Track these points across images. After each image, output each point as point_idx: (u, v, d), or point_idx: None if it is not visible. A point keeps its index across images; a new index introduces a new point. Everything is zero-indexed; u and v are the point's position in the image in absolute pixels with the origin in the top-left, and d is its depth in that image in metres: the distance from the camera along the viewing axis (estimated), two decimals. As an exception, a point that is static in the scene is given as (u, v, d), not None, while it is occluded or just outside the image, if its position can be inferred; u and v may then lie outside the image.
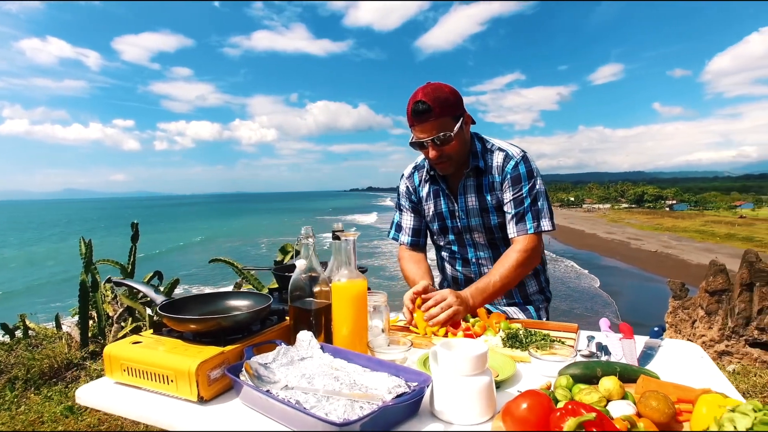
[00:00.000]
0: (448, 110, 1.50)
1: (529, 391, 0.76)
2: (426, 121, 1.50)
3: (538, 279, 1.80)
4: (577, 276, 28.90)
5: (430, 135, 1.51)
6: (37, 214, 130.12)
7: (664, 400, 0.77)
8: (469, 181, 1.66)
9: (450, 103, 1.51)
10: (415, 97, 1.50)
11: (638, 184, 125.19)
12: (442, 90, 1.51)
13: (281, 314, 1.23)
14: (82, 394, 1.02)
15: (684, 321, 6.76)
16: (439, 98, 1.48)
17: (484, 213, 1.66)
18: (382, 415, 0.77)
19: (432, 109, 1.47)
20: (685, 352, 1.23)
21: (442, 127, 1.50)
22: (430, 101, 1.47)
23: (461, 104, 1.56)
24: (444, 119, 1.50)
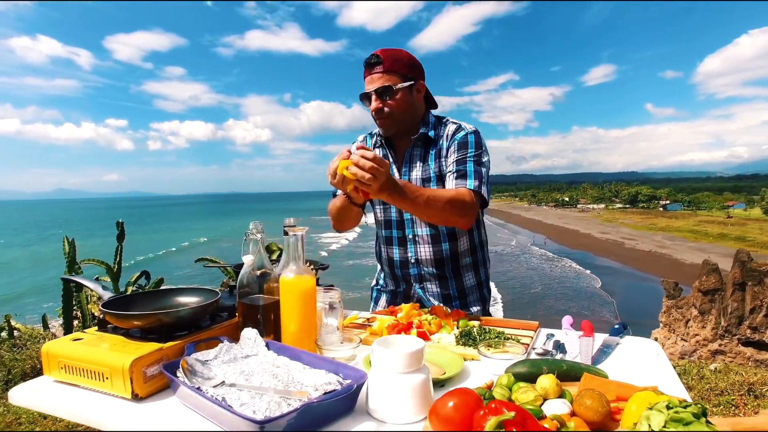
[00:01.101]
0: (398, 67, 1.55)
1: (458, 390, 0.74)
2: (373, 72, 1.55)
3: (477, 272, 1.73)
4: (576, 275, 29.00)
5: (374, 86, 1.55)
6: (31, 215, 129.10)
7: (599, 399, 0.76)
8: (416, 150, 1.65)
9: (402, 62, 1.56)
10: None
11: (632, 185, 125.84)
12: (400, 51, 1.58)
13: (232, 311, 1.21)
14: (15, 395, 0.99)
15: (678, 320, 6.77)
16: (391, 55, 1.55)
17: (426, 182, 1.62)
18: (307, 412, 0.75)
19: (382, 62, 1.53)
20: (642, 349, 1.22)
21: (388, 81, 1.54)
22: (382, 55, 1.54)
23: (417, 71, 1.60)
24: (392, 74, 1.54)
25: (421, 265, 1.68)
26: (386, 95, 1.55)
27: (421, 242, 1.67)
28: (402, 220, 1.70)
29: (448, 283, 1.68)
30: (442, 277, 1.67)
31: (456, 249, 1.66)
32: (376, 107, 1.57)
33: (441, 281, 1.68)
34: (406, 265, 1.70)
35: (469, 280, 1.71)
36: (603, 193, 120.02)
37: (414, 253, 1.68)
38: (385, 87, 1.53)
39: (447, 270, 1.67)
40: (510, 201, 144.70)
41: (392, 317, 1.38)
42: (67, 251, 4.80)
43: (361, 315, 1.51)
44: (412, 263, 1.69)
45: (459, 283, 1.69)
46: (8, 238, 60.94)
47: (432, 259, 1.66)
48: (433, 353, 1.11)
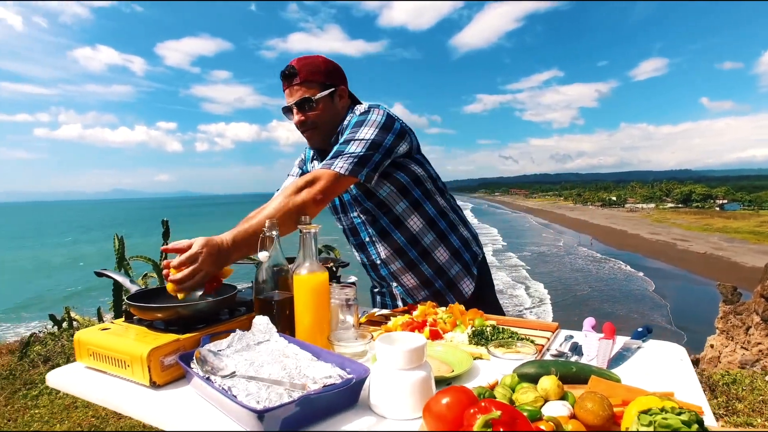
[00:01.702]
0: (315, 76, 1.52)
1: (453, 387, 0.74)
2: (291, 85, 1.52)
3: (447, 243, 1.64)
4: (626, 277, 27.92)
5: (294, 99, 1.53)
6: (94, 214, 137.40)
7: (600, 402, 0.74)
8: None
9: (319, 71, 1.53)
10: None
11: (685, 183, 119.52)
12: (315, 59, 1.55)
13: (251, 306, 1.25)
14: (52, 378, 1.07)
15: (737, 327, 6.38)
16: (307, 65, 1.52)
17: None
18: (306, 404, 0.77)
19: (297, 73, 1.51)
20: (664, 354, 1.17)
21: (306, 92, 1.52)
22: (297, 65, 1.51)
23: (335, 76, 1.56)
24: (309, 85, 1.52)
25: (388, 263, 1.65)
26: (306, 107, 1.53)
27: (376, 241, 1.64)
28: (353, 227, 1.68)
29: (421, 268, 1.63)
30: (412, 265, 1.62)
31: (409, 232, 1.60)
32: (299, 120, 1.55)
33: (413, 270, 1.63)
34: (375, 267, 1.69)
35: (441, 255, 1.63)
36: (653, 192, 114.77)
37: (376, 255, 1.66)
38: (304, 99, 1.51)
39: (412, 256, 1.62)
40: (554, 200, 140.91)
41: (408, 315, 1.39)
42: (116, 248, 5.09)
43: (379, 312, 1.53)
44: (379, 264, 1.67)
45: (431, 263, 1.63)
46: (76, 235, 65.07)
47: (392, 253, 1.62)
48: (444, 351, 1.11)
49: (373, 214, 1.60)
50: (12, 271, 35.27)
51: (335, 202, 1.68)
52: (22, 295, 23.70)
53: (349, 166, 1.38)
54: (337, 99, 1.58)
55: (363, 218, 1.64)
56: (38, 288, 26.32)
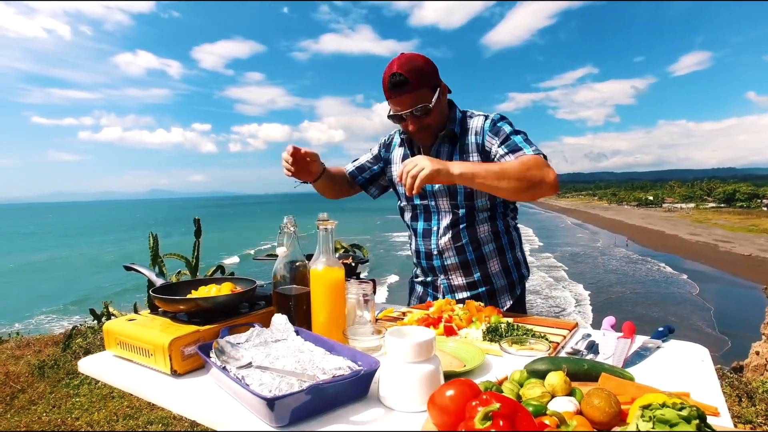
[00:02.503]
0: (424, 81, 1.48)
1: (457, 380, 0.75)
2: (403, 94, 1.47)
3: (503, 258, 1.69)
4: (665, 279, 26.99)
5: (408, 108, 1.49)
6: (133, 213, 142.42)
7: (607, 399, 0.73)
8: (442, 146, 1.63)
9: (426, 74, 1.49)
10: (390, 69, 1.48)
11: (728, 182, 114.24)
12: (417, 60, 1.49)
13: (270, 300, 1.29)
14: (83, 365, 1.14)
15: (786, 333, 6.08)
16: (414, 69, 1.46)
17: None
18: (315, 393, 0.79)
19: (408, 81, 1.45)
20: (686, 355, 1.14)
21: (420, 99, 1.48)
22: (406, 72, 1.45)
23: (437, 74, 1.54)
24: (421, 90, 1.48)
25: (444, 256, 1.68)
26: (423, 114, 1.51)
27: (442, 232, 1.67)
28: (428, 212, 1.70)
29: (472, 270, 1.66)
30: (465, 264, 1.66)
31: (476, 235, 1.64)
32: (415, 128, 1.54)
33: (464, 269, 1.67)
34: (431, 256, 1.71)
35: (494, 267, 1.68)
36: (693, 191, 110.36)
37: (436, 245, 1.68)
38: (422, 108, 1.49)
39: (469, 257, 1.65)
40: (588, 200, 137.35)
41: (424, 311, 1.40)
42: (151, 245, 5.27)
43: (397, 308, 1.54)
44: (435, 254, 1.69)
45: (483, 269, 1.66)
46: (120, 234, 67.64)
47: (453, 248, 1.65)
48: (457, 347, 1.11)
49: (457, 211, 1.65)
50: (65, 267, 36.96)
51: (427, 187, 1.68)
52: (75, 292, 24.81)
53: None
54: (443, 97, 1.58)
55: (442, 209, 1.67)
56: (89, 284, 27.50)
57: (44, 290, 26.43)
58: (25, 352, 5.45)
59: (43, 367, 4.73)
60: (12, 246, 56.37)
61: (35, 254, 45.46)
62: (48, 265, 38.32)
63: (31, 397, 4.10)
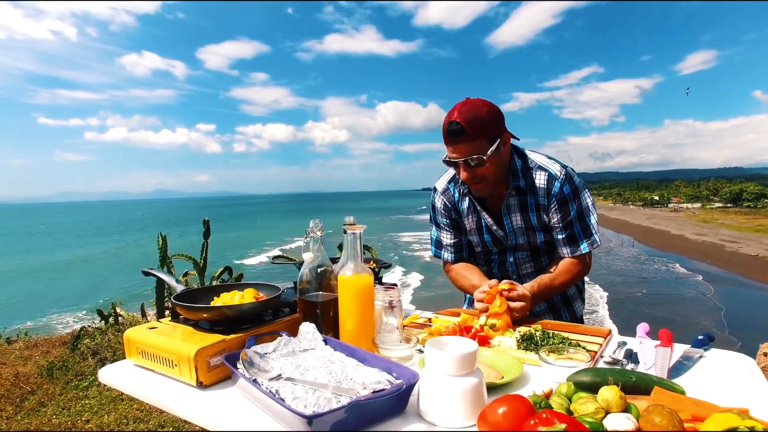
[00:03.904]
0: (482, 132, 1.42)
1: (509, 396, 0.71)
2: (459, 143, 1.43)
3: None
4: (676, 279, 26.81)
5: (462, 156, 1.45)
6: (140, 213, 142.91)
7: (670, 417, 0.69)
8: (512, 200, 1.60)
9: (485, 124, 1.43)
10: (451, 115, 1.43)
11: (735, 182, 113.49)
12: (480, 109, 1.43)
13: (294, 307, 1.24)
14: (103, 374, 1.10)
15: (794, 334, 5.99)
16: (474, 119, 1.41)
17: (530, 232, 1.63)
18: (355, 410, 0.75)
19: (465, 131, 1.40)
20: (731, 365, 1.09)
21: (475, 150, 1.43)
22: (463, 122, 1.40)
23: (500, 124, 1.47)
24: (478, 141, 1.43)
25: (520, 266, 1.70)
26: (476, 165, 1.46)
27: (521, 261, 1.70)
28: (504, 249, 1.71)
29: None
30: (541, 271, 1.66)
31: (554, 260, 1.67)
32: (467, 177, 1.50)
33: None
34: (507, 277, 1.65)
35: (572, 289, 1.72)
36: (699, 191, 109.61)
37: (514, 271, 1.70)
38: (476, 159, 1.44)
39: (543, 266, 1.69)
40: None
41: (452, 319, 1.35)
42: (160, 246, 5.25)
43: (422, 315, 1.50)
44: (514, 278, 1.67)
45: (563, 292, 1.70)
46: (132, 234, 67.69)
47: (533, 272, 1.68)
48: (492, 356, 1.07)
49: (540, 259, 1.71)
50: (85, 267, 36.93)
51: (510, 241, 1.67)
52: (87, 293, 24.76)
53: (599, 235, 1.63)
54: (502, 146, 1.50)
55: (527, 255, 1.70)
56: (98, 285, 27.48)
57: (61, 290, 26.42)
58: (34, 352, 5.44)
59: (52, 368, 4.71)
60: (27, 245, 56.48)
61: (53, 254, 45.48)
62: (68, 265, 38.36)
63: (41, 399, 4.08)
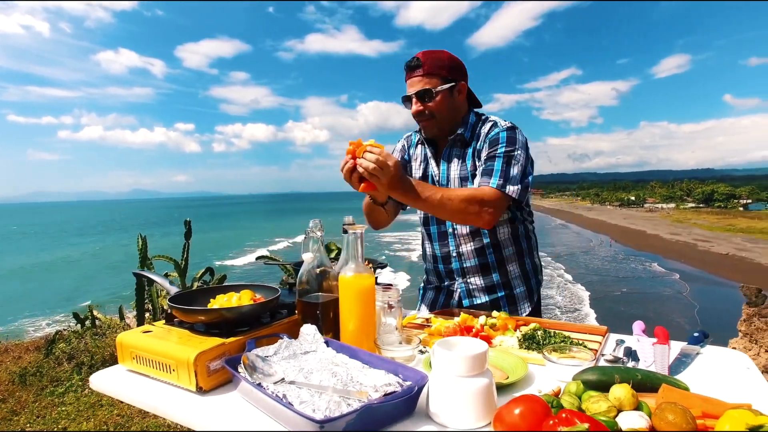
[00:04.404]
0: (438, 69, 1.54)
1: (524, 396, 0.70)
2: (414, 75, 1.55)
3: (521, 263, 1.69)
4: (653, 278, 27.41)
5: (414, 89, 1.55)
6: (117, 214, 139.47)
7: (683, 414, 0.69)
8: (455, 150, 1.65)
9: (443, 64, 1.55)
10: None
11: (707, 183, 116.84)
12: (440, 53, 1.57)
13: (292, 308, 1.22)
14: (95, 380, 1.06)
15: (761, 330, 6.19)
16: (432, 57, 1.55)
17: (464, 181, 1.62)
18: (366, 414, 0.73)
19: (421, 65, 1.53)
20: (728, 361, 1.11)
21: (427, 84, 1.54)
22: (422, 58, 1.54)
23: (458, 72, 1.59)
24: (432, 77, 1.54)
25: (463, 258, 1.67)
26: (426, 98, 1.56)
27: (460, 235, 1.66)
28: None
29: (492, 274, 1.66)
30: (485, 267, 1.65)
31: (496, 238, 1.64)
32: (417, 110, 1.59)
33: (484, 273, 1.66)
34: (449, 259, 1.70)
35: (514, 271, 1.67)
36: (673, 191, 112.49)
37: (455, 246, 1.67)
38: (425, 90, 1.54)
39: (489, 260, 1.65)
40: (572, 200, 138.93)
41: (451, 320, 1.35)
42: (139, 247, 5.13)
43: (419, 315, 1.49)
44: (454, 257, 1.68)
45: (503, 272, 1.66)
46: (114, 235, 65.92)
47: (473, 250, 1.65)
48: (495, 356, 1.06)
49: None
50: (59, 269, 35.76)
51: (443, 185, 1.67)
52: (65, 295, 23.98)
53: (518, 189, 1.49)
54: (456, 94, 1.60)
55: None
56: (76, 287, 26.66)
57: (37, 293, 25.50)
58: (4, 358, 5.25)
59: (25, 374, 4.55)
60: (6, 247, 54.45)
61: (31, 256, 43.90)
62: (46, 266, 37.07)
63: (13, 407, 3.94)
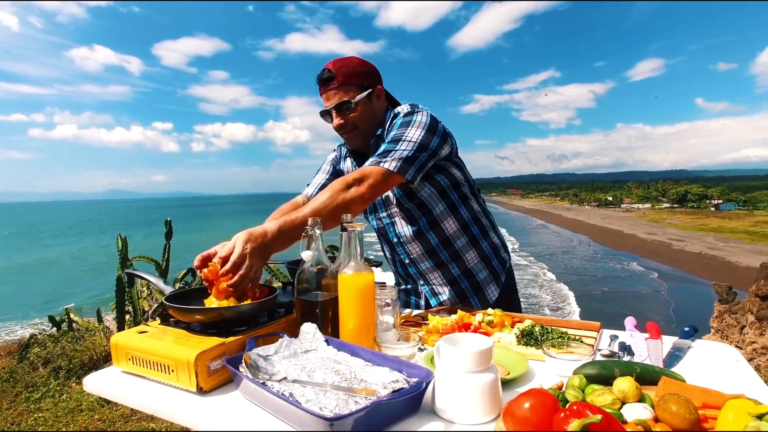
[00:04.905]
0: (352, 79, 1.51)
1: (533, 390, 0.71)
2: (329, 89, 1.52)
3: (478, 248, 1.63)
4: (630, 277, 28.00)
5: (332, 103, 1.52)
6: (92, 214, 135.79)
7: (686, 405, 0.70)
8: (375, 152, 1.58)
9: (356, 73, 1.52)
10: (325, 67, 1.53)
11: (681, 183, 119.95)
12: (351, 60, 1.54)
13: (289, 307, 1.21)
14: (89, 382, 1.03)
15: (731, 326, 6.38)
16: (344, 67, 1.51)
17: None
18: (375, 411, 0.73)
19: (335, 77, 1.50)
20: (718, 354, 1.14)
21: (344, 95, 1.51)
22: (334, 69, 1.50)
23: (372, 76, 1.56)
24: (347, 87, 1.51)
25: (417, 262, 1.65)
26: (346, 110, 1.53)
27: (406, 241, 1.64)
28: (382, 226, 1.69)
29: (449, 267, 1.63)
30: (441, 265, 1.63)
31: (443, 235, 1.60)
32: (339, 124, 1.55)
33: (442, 270, 1.63)
34: (404, 265, 1.70)
35: (472, 259, 1.63)
36: (649, 192, 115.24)
37: (405, 254, 1.66)
38: (343, 102, 1.51)
39: (443, 257, 1.62)
40: (551, 201, 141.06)
41: (449, 317, 1.35)
42: (120, 248, 5.02)
43: (415, 313, 1.49)
44: (408, 263, 1.67)
45: (461, 265, 1.63)
46: (91, 237, 64.09)
47: (423, 253, 1.63)
48: (497, 353, 1.07)
49: (413, 215, 1.60)
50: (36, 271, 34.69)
51: (378, 202, 1.66)
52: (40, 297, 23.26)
53: (398, 164, 1.38)
54: (375, 99, 1.57)
55: (396, 219, 1.64)
56: (51, 289, 25.88)
57: (14, 296, 24.66)
58: (-26, 364, 5.07)
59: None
60: None
61: (8, 258, 42.40)
62: (22, 269, 35.91)
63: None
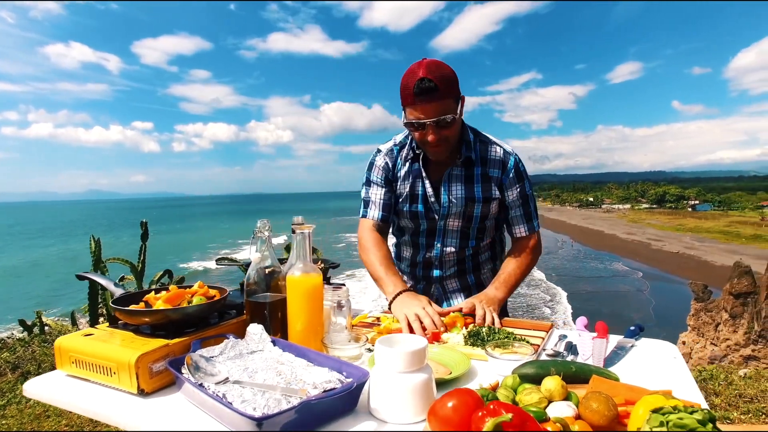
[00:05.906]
0: (452, 90, 1.40)
1: (458, 390, 0.72)
2: (431, 101, 1.37)
3: (494, 263, 1.77)
4: (612, 276, 28.44)
5: (433, 116, 1.38)
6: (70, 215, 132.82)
7: (605, 402, 0.73)
8: (456, 170, 1.57)
9: (454, 82, 1.41)
10: (415, 73, 1.37)
11: (659, 184, 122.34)
12: (446, 67, 1.40)
13: (241, 308, 1.21)
14: (29, 387, 1.02)
15: (707, 324, 6.54)
16: (443, 76, 1.37)
17: (469, 202, 1.57)
18: (305, 410, 0.74)
19: (438, 88, 1.35)
20: (658, 352, 1.18)
21: (446, 109, 1.39)
22: (435, 79, 1.35)
23: (458, 84, 1.46)
24: (448, 100, 1.39)
25: (445, 266, 1.70)
26: (445, 125, 1.41)
27: (449, 245, 1.66)
28: (433, 232, 1.66)
29: (467, 276, 1.71)
30: (462, 273, 1.71)
31: (478, 247, 1.69)
32: (435, 138, 1.42)
33: (460, 277, 1.71)
34: (429, 266, 1.71)
35: (486, 272, 1.74)
36: (629, 193, 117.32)
37: (437, 256, 1.68)
38: (448, 119, 1.39)
39: (467, 266, 1.71)
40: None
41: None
42: (92, 250, 4.93)
43: (371, 314, 1.50)
44: (436, 265, 1.70)
45: (477, 276, 1.72)
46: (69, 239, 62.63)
47: (455, 258, 1.68)
48: (440, 353, 1.09)
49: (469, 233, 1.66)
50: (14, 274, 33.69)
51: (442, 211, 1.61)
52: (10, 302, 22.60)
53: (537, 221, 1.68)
54: (461, 109, 1.47)
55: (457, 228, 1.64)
56: (24, 293, 25.17)
57: None
58: (-67, 371, 4.91)
59: (-40, 387, 4.28)
60: None
61: None
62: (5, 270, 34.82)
63: (-55, 424, 3.70)
